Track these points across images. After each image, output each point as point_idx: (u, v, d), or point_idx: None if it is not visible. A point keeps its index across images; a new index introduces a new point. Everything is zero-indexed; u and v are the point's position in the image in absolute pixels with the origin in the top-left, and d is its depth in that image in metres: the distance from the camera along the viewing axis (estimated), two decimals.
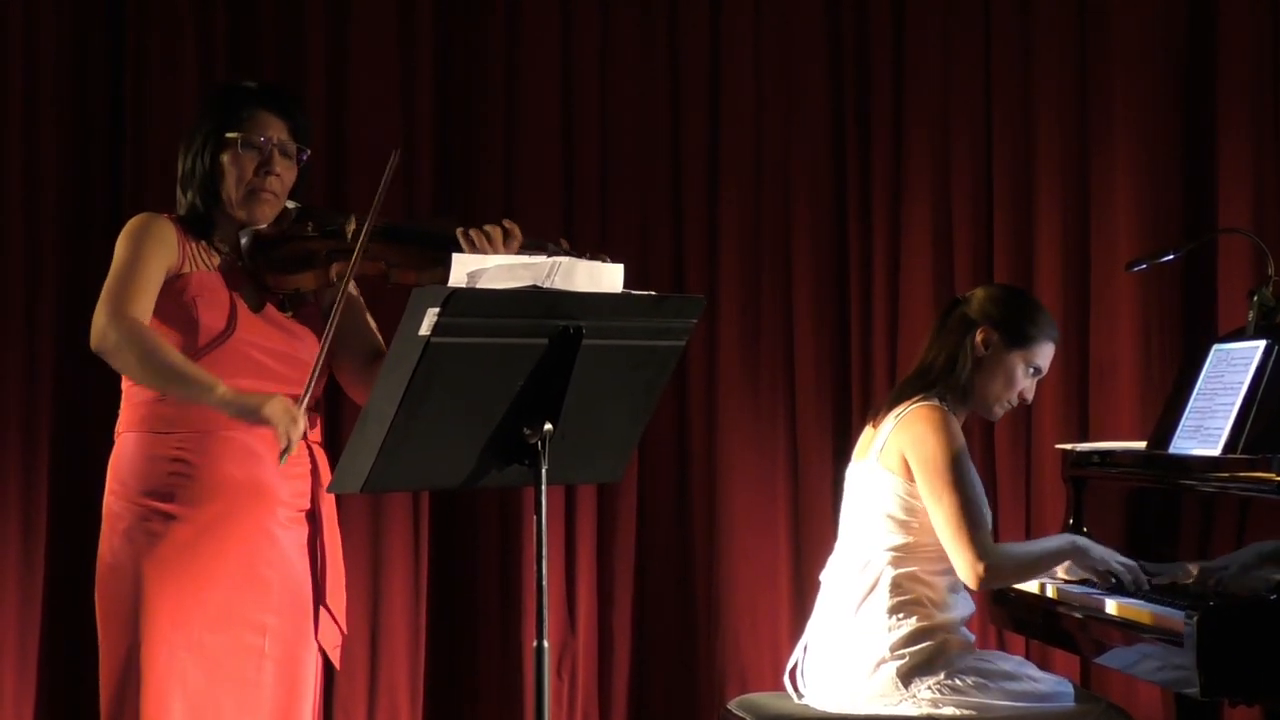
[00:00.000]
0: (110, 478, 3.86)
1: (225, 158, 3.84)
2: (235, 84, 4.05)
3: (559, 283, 3.26)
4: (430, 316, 3.10)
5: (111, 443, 5.97)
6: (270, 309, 3.85)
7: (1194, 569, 4.09)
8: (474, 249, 3.73)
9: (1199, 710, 4.58)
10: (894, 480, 4.22)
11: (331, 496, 3.94)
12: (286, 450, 3.64)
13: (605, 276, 3.33)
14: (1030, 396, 4.42)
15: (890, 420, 4.27)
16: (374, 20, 6.18)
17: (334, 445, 5.77)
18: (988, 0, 6.09)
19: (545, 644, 3.27)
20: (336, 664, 4.01)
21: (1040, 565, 4.35)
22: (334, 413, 5.94)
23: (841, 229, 6.19)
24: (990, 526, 4.21)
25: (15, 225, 6.06)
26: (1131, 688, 5.46)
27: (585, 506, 6.15)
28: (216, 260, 3.86)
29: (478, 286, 3.19)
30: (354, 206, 5.51)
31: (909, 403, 4.26)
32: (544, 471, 3.27)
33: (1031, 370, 4.36)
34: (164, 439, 3.77)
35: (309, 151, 3.95)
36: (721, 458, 6.17)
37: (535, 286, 3.24)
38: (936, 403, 4.25)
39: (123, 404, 3.91)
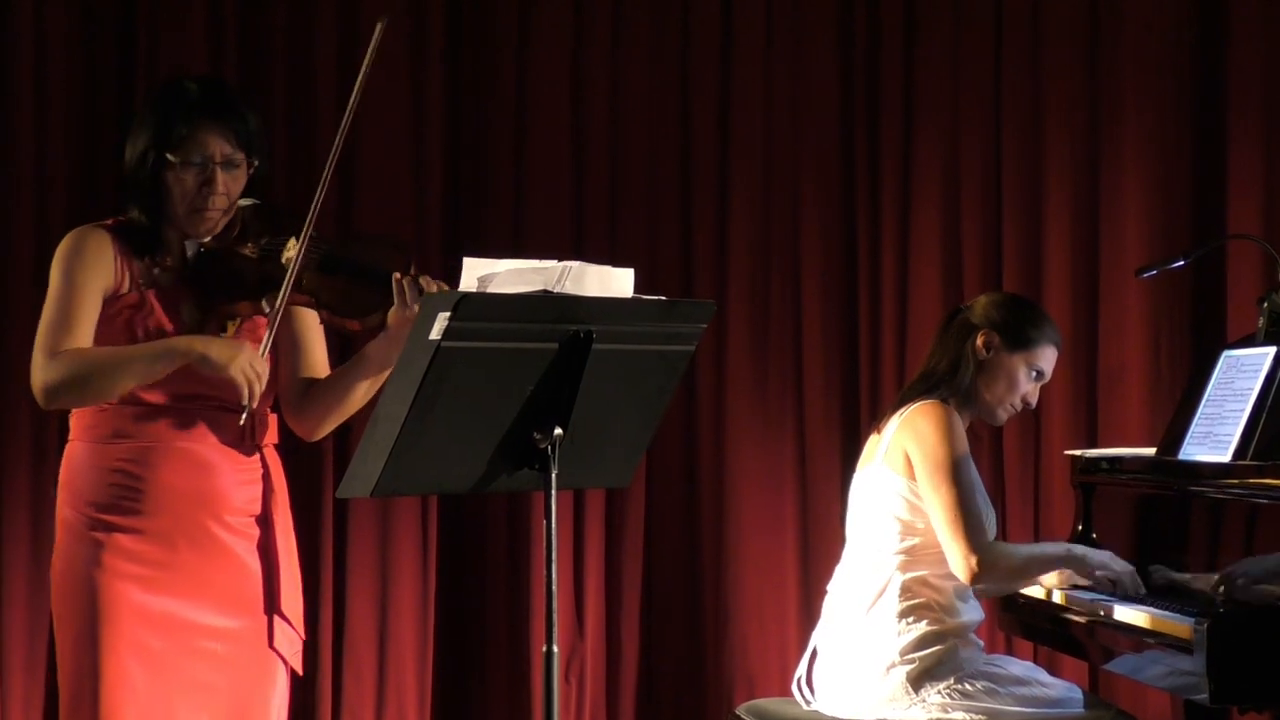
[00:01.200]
0: (60, 486, 3.81)
1: (167, 176, 3.74)
2: (176, 87, 3.85)
3: (569, 287, 3.26)
4: (441, 320, 3.09)
5: None
6: (210, 328, 3.76)
7: (1203, 575, 4.09)
8: (404, 304, 3.62)
9: (1208, 717, 4.58)
10: (899, 480, 4.23)
11: (284, 501, 3.91)
12: (248, 405, 3.63)
13: (615, 281, 3.33)
14: (1034, 401, 4.42)
15: (894, 420, 4.28)
16: (386, 31, 6.16)
17: (342, 451, 5.84)
18: (999, 8, 6.10)
19: (555, 649, 3.26)
20: (298, 670, 3.95)
21: (1034, 568, 4.36)
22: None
23: (850, 235, 6.19)
24: (989, 526, 4.21)
25: (24, 228, 6.07)
26: (1140, 694, 5.45)
27: (594, 511, 6.15)
28: (158, 273, 3.78)
29: (488, 291, 3.19)
30: (363, 214, 5.51)
31: (912, 404, 4.28)
32: (554, 476, 3.26)
33: (1034, 374, 4.36)
34: (111, 448, 3.72)
35: (257, 161, 3.82)
36: (730, 463, 6.17)
37: (546, 291, 3.23)
38: (937, 400, 4.26)
39: (72, 412, 3.85)
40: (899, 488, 4.22)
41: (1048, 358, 4.38)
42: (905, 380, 5.79)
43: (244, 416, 3.67)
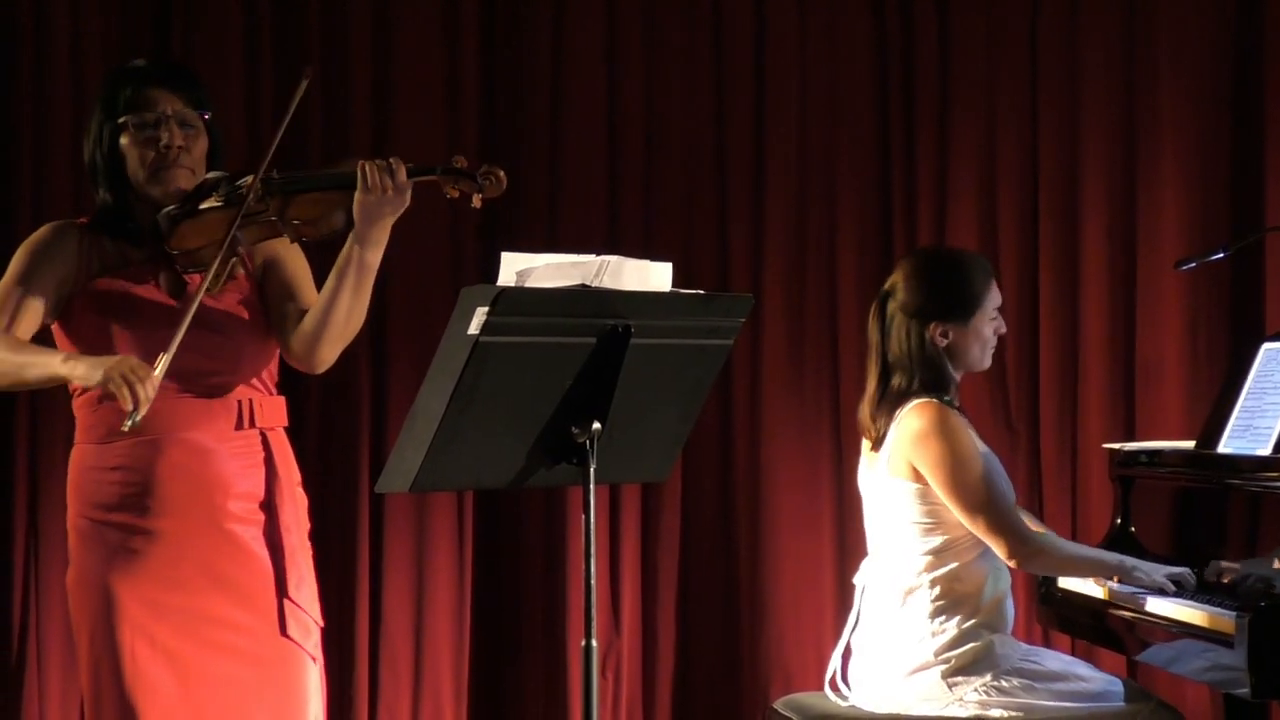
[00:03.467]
0: (69, 492, 3.81)
1: (124, 141, 3.74)
2: (122, 66, 3.89)
3: (607, 281, 3.26)
4: (479, 315, 3.09)
5: None
6: (190, 291, 3.71)
7: (1244, 568, 4.07)
8: (365, 189, 3.61)
9: (1248, 711, 4.56)
10: (908, 486, 4.21)
11: (291, 487, 3.88)
12: (133, 416, 3.49)
13: (653, 275, 3.33)
14: (1003, 329, 4.38)
15: (892, 429, 4.25)
16: (419, 18, 6.20)
17: (378, 446, 5.86)
18: (1035, 4, 6.08)
19: (594, 643, 3.26)
20: (316, 658, 3.90)
21: (1083, 566, 4.35)
22: (380, 410, 5.98)
23: (886, 229, 6.19)
24: (1013, 501, 4.20)
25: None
26: (1179, 687, 5.44)
27: (630, 506, 6.15)
28: (135, 254, 3.77)
29: (526, 285, 3.19)
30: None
31: (905, 404, 4.24)
32: (592, 471, 3.26)
33: (990, 317, 4.32)
34: (108, 449, 3.72)
35: (209, 113, 3.82)
36: (766, 457, 6.17)
37: (584, 285, 3.24)
38: (927, 399, 4.23)
39: (74, 413, 3.87)
40: (910, 493, 4.20)
41: (994, 297, 4.33)
42: None
43: (127, 424, 3.50)
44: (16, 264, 3.75)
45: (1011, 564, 4.13)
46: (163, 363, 3.54)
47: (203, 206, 3.76)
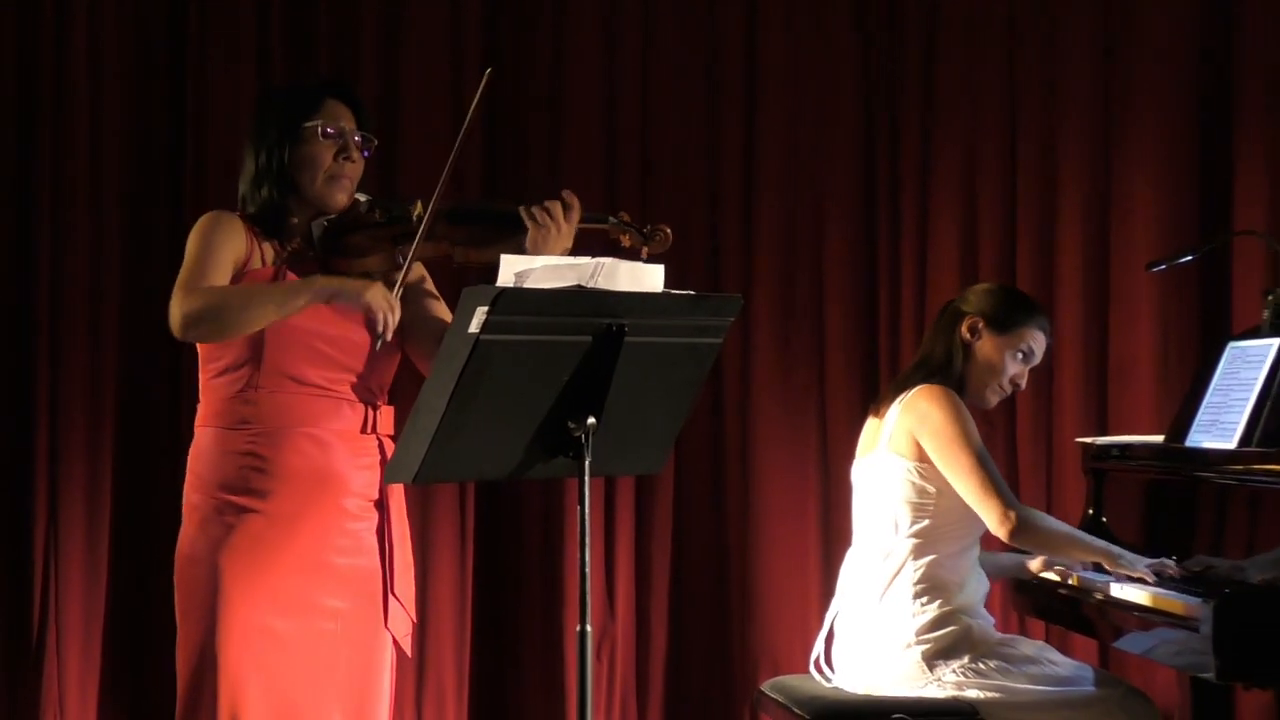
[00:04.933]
0: (189, 471, 3.82)
1: (304, 147, 3.80)
2: (298, 82, 4.03)
3: (602, 282, 3.26)
4: (480, 314, 3.10)
5: (173, 434, 6.07)
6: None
7: (1212, 557, 4.09)
8: (537, 225, 3.74)
9: (1214, 694, 4.57)
10: (905, 464, 4.24)
11: (400, 488, 3.92)
12: (382, 335, 3.68)
13: (646, 276, 3.34)
14: (1022, 383, 4.44)
15: (895, 407, 4.29)
16: (426, 21, 6.21)
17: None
18: (1012, 13, 6.09)
19: (588, 628, 3.27)
20: (407, 651, 3.97)
21: (1070, 546, 4.33)
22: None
23: (871, 232, 6.20)
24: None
25: (81, 229, 6.11)
26: (1149, 671, 5.45)
27: (624, 497, 6.16)
28: (286, 254, 3.83)
29: (525, 286, 3.20)
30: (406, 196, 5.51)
31: (910, 389, 4.29)
32: (587, 464, 3.27)
33: (1019, 355, 4.37)
34: (238, 434, 3.74)
35: (375, 142, 3.92)
36: (755, 451, 6.18)
37: (580, 286, 3.24)
38: (936, 384, 4.27)
39: (201, 399, 3.88)
40: (907, 471, 4.23)
41: (1033, 340, 4.39)
42: None
43: (379, 343, 3.71)
44: (197, 244, 3.77)
45: (1001, 531, 4.13)
46: (397, 291, 3.72)
47: (363, 220, 3.85)
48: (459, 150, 3.75)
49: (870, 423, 4.43)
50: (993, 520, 4.14)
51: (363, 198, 3.91)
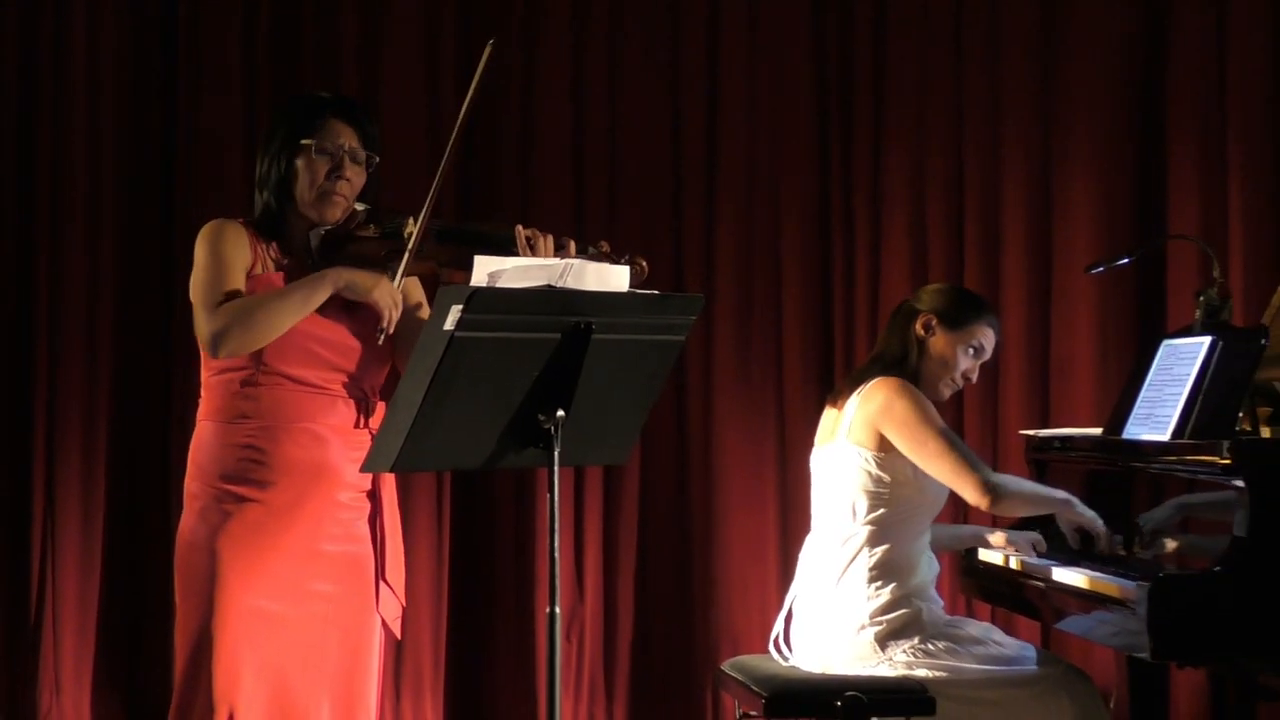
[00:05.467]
0: (190, 462, 3.81)
1: (300, 162, 3.79)
2: (311, 94, 4.01)
3: (571, 283, 3.27)
4: (454, 313, 3.10)
5: (165, 426, 6.06)
6: (333, 305, 3.78)
7: (1147, 542, 4.11)
8: (530, 251, 3.72)
9: (1149, 672, 4.59)
10: (864, 453, 4.24)
11: (392, 479, 3.91)
12: (385, 330, 3.70)
13: (613, 277, 3.34)
14: (973, 377, 4.46)
15: (854, 399, 4.30)
16: (403, 44, 6.21)
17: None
18: (958, 29, 6.10)
19: (557, 610, 3.28)
20: (397, 634, 3.95)
21: (1040, 499, 4.37)
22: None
23: (826, 236, 6.20)
24: (936, 508, 4.27)
25: (76, 239, 6.11)
26: (1088, 651, 5.47)
27: (593, 486, 6.16)
28: (286, 260, 3.82)
29: (498, 286, 3.20)
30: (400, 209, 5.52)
31: (868, 382, 4.30)
32: (556, 454, 3.27)
33: (970, 350, 4.39)
34: (238, 428, 3.73)
35: (378, 158, 3.90)
36: (716, 443, 6.18)
37: (549, 286, 3.24)
38: (892, 376, 4.29)
39: (202, 395, 3.86)
40: (864, 461, 4.24)
41: (983, 336, 4.41)
42: None
43: (381, 337, 3.72)
44: (207, 254, 3.76)
45: (983, 504, 4.15)
46: (400, 274, 3.72)
47: (358, 234, 3.82)
48: (443, 175, 3.73)
49: (828, 414, 4.43)
50: (973, 496, 4.15)
51: (360, 207, 3.88)
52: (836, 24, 6.20)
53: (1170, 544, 4.00)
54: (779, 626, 4.39)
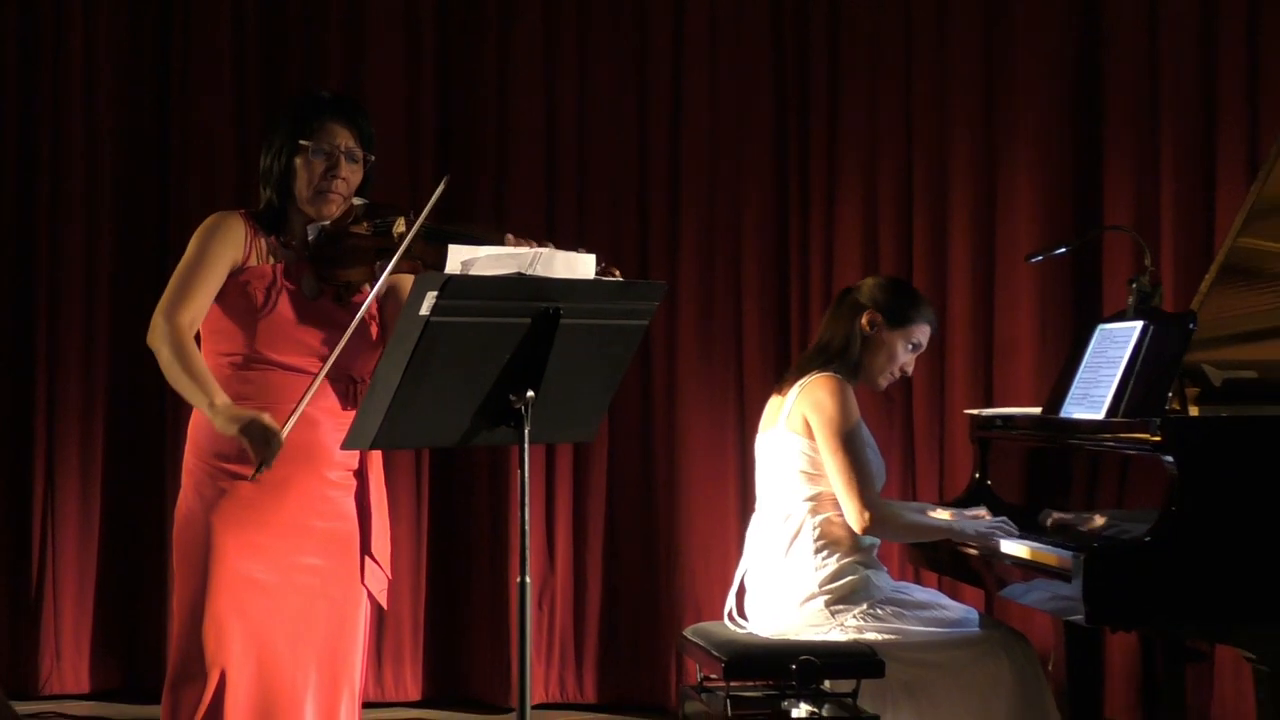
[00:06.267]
0: (188, 439, 3.78)
1: (298, 161, 3.75)
2: (311, 94, 3.96)
3: (540, 270, 3.25)
4: (430, 299, 3.09)
5: (160, 405, 6.04)
6: (325, 297, 3.76)
7: (1083, 515, 4.11)
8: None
9: (1085, 636, 4.60)
10: (800, 441, 4.25)
11: (379, 459, 3.88)
12: (259, 468, 3.54)
13: (580, 265, 3.33)
14: (910, 370, 4.48)
15: (795, 390, 4.29)
16: (384, 58, 6.21)
17: None
18: (909, 35, 6.10)
19: (527, 580, 3.26)
20: (384, 604, 3.93)
21: (918, 533, 4.40)
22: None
23: (783, 229, 6.20)
24: (881, 482, 4.24)
25: (75, 231, 6.09)
26: (1028, 616, 5.47)
27: (563, 463, 6.15)
28: (283, 253, 3.78)
29: (471, 274, 3.18)
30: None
31: (810, 375, 4.29)
32: (526, 432, 3.26)
33: (910, 347, 4.40)
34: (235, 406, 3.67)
35: (373, 157, 3.85)
36: (680, 422, 6.18)
37: (520, 274, 3.23)
38: (833, 374, 4.28)
39: None
40: (801, 447, 4.25)
41: (923, 334, 4.43)
42: None
43: (254, 475, 3.56)
44: (194, 251, 3.71)
45: (857, 526, 4.16)
46: (290, 423, 3.55)
47: (352, 230, 3.77)
48: (445, 183, 3.67)
49: (773, 400, 4.43)
50: (851, 515, 4.17)
51: (358, 202, 3.84)
52: (794, 33, 6.19)
53: (1100, 519, 4.01)
54: (730, 600, 4.39)
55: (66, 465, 6.07)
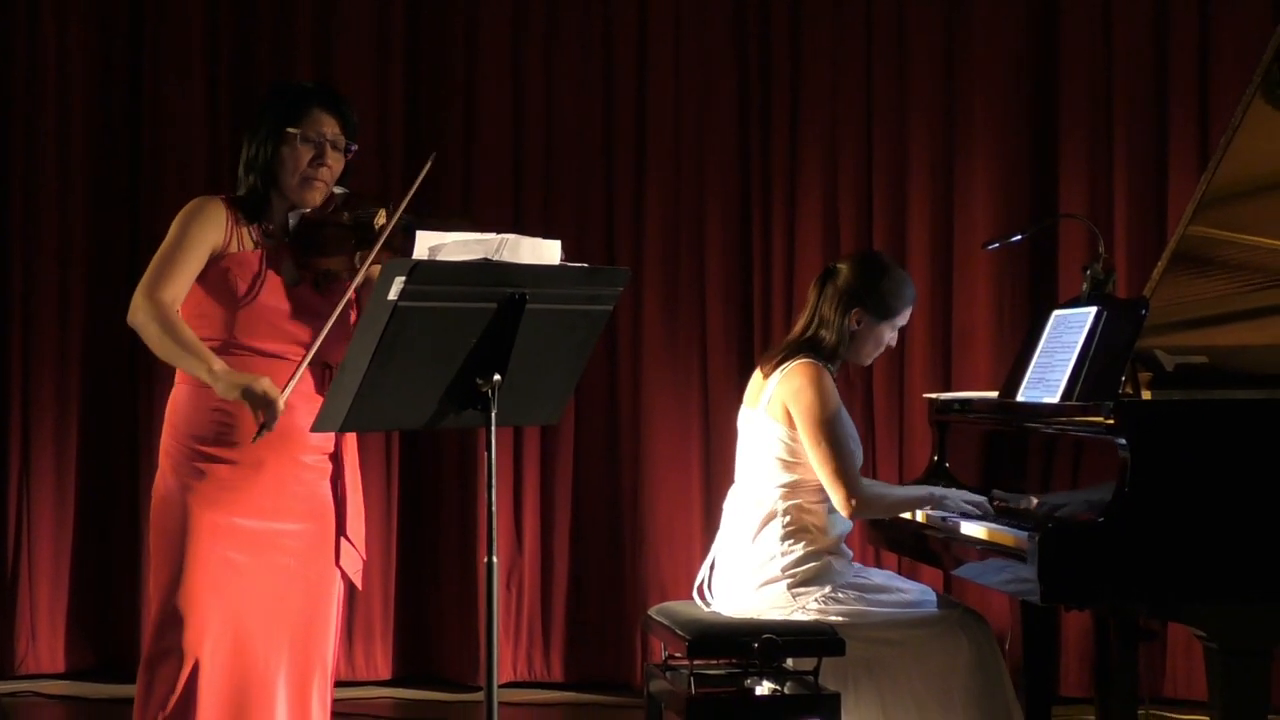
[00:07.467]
0: (166, 422, 3.75)
1: (285, 149, 3.72)
2: (297, 84, 3.93)
3: (506, 256, 3.24)
4: (398, 284, 3.07)
5: (132, 391, 6.02)
6: (304, 283, 3.74)
7: (1037, 497, 4.12)
8: None
9: (1040, 614, 4.61)
10: (779, 428, 4.23)
11: (353, 442, 3.86)
12: (260, 430, 3.53)
13: (546, 251, 3.31)
14: (894, 344, 4.45)
15: (777, 374, 4.27)
16: (354, 45, 6.19)
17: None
18: (870, 28, 6.11)
19: (495, 560, 3.25)
20: (358, 585, 3.91)
21: (902, 507, 4.39)
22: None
23: (746, 216, 6.20)
24: (859, 465, 4.23)
25: (50, 222, 6.07)
26: (985, 596, 5.49)
27: (531, 446, 6.15)
28: (264, 240, 3.75)
29: (438, 259, 3.17)
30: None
31: (792, 360, 4.27)
32: (493, 415, 3.25)
33: (895, 328, 4.39)
34: (211, 391, 3.63)
35: (355, 146, 3.82)
36: (645, 406, 6.17)
37: (486, 259, 3.22)
38: (811, 359, 4.25)
39: None
40: (779, 434, 4.23)
41: (907, 316, 4.41)
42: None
43: (256, 437, 3.55)
44: (176, 233, 3.68)
45: (845, 511, 4.14)
46: (288, 389, 3.54)
47: (333, 219, 3.73)
48: (426, 171, 3.65)
49: (756, 377, 4.39)
50: (838, 502, 4.16)
51: (339, 191, 3.81)
52: (757, 25, 6.19)
53: (1054, 500, 4.01)
54: (704, 574, 4.37)
55: (41, 445, 6.05)
